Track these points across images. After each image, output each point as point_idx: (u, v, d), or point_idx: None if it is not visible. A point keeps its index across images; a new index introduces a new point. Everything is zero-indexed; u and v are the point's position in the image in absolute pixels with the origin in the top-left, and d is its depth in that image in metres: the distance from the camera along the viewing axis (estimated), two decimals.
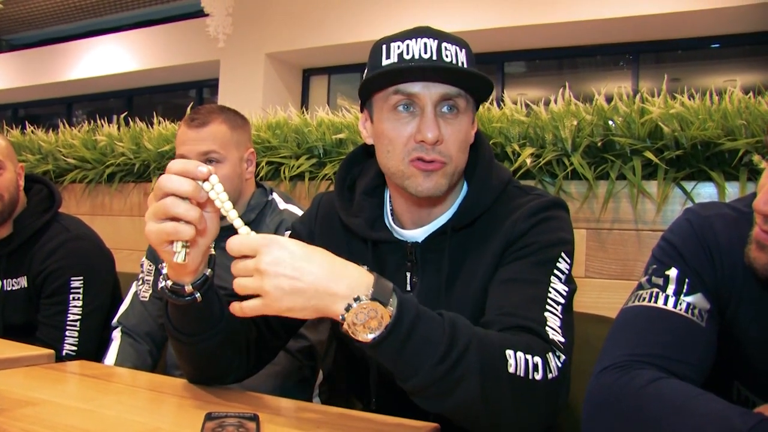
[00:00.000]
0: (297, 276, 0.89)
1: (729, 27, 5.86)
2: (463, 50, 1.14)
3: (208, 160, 1.79)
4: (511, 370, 0.93)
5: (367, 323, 0.87)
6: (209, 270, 1.07)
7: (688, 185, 2.12)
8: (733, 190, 2.04)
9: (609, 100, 2.37)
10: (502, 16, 6.24)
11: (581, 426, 0.96)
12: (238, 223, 0.96)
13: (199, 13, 8.67)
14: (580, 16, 5.92)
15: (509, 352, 0.94)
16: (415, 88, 1.12)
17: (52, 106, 10.78)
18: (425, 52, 1.10)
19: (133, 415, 1.03)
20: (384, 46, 1.14)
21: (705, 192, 2.10)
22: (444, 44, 1.11)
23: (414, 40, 1.11)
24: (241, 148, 1.86)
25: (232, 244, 0.92)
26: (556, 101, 2.48)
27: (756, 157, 1.98)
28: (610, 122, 2.29)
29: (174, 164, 0.96)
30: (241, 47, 7.59)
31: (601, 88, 2.49)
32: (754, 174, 2.02)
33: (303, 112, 3.25)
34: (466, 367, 0.90)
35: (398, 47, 1.12)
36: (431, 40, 1.11)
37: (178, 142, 1.83)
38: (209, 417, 0.97)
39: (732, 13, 5.50)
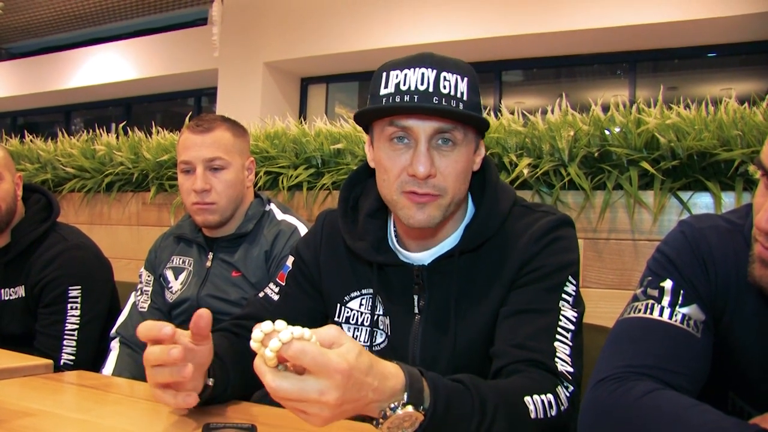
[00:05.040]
0: (353, 408, 0.84)
1: (725, 36, 5.88)
2: (465, 79, 1.12)
3: (213, 168, 1.80)
4: (533, 416, 0.98)
5: (401, 425, 0.87)
6: (210, 380, 1.09)
7: (685, 195, 2.13)
8: (729, 200, 2.05)
9: (606, 109, 2.38)
10: (500, 25, 6.26)
11: None
12: (307, 332, 0.80)
13: (198, 22, 8.73)
14: (578, 26, 5.94)
15: (527, 399, 0.99)
16: (410, 121, 1.11)
17: (51, 114, 10.78)
18: (422, 84, 1.09)
19: (131, 426, 1.04)
20: (384, 74, 1.13)
21: (701, 202, 2.11)
22: (443, 74, 1.10)
23: (412, 69, 1.10)
24: (243, 156, 1.89)
25: (307, 355, 0.78)
26: (552, 111, 2.49)
27: (751, 168, 1.99)
28: (607, 132, 2.30)
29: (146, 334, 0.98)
30: (240, 56, 7.61)
31: (598, 98, 2.50)
32: (750, 184, 2.03)
33: (301, 121, 3.27)
34: (499, 428, 0.94)
35: (396, 76, 1.11)
36: (429, 70, 1.10)
37: (180, 148, 1.84)
38: (207, 428, 0.98)
39: (728, 23, 5.53)
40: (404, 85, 1.10)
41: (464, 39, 6.36)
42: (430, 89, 1.09)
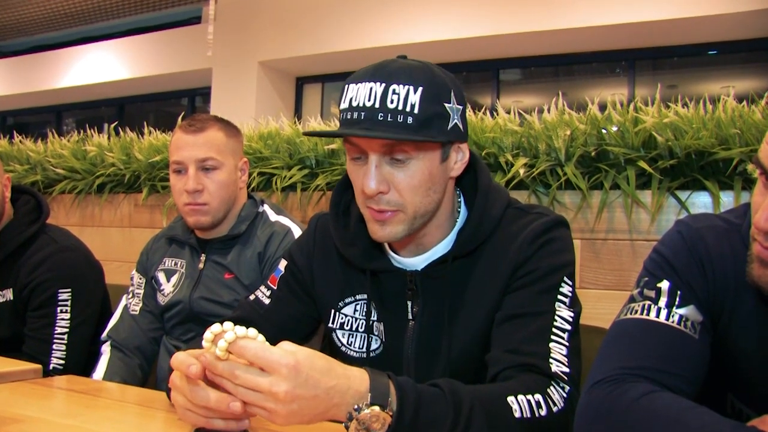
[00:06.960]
0: (312, 406, 0.87)
1: (726, 34, 5.88)
2: (419, 89, 1.07)
3: (206, 168, 1.79)
4: (517, 415, 0.97)
5: (371, 427, 0.89)
6: None
7: (683, 195, 2.11)
8: (727, 199, 2.04)
9: (603, 108, 2.37)
10: (497, 23, 6.25)
11: None
12: (252, 332, 0.88)
13: (192, 21, 8.70)
14: (576, 23, 5.94)
15: (511, 399, 0.98)
16: (358, 139, 1.10)
17: (42, 114, 10.71)
18: (369, 99, 1.07)
19: None
20: (345, 87, 1.13)
21: (699, 201, 2.10)
22: (393, 87, 1.06)
23: (364, 83, 1.09)
24: (236, 156, 1.87)
25: (249, 350, 0.85)
26: (549, 110, 2.47)
27: (750, 166, 1.98)
28: (604, 131, 2.29)
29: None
30: (234, 55, 7.60)
31: (596, 97, 2.49)
32: (749, 183, 2.02)
33: (296, 121, 3.25)
34: (477, 429, 0.94)
35: (351, 90, 1.10)
36: (378, 84, 1.07)
37: (173, 148, 1.82)
38: None
39: (729, 20, 5.53)
40: (355, 100, 1.09)
41: (461, 37, 6.35)
42: (377, 105, 1.07)
